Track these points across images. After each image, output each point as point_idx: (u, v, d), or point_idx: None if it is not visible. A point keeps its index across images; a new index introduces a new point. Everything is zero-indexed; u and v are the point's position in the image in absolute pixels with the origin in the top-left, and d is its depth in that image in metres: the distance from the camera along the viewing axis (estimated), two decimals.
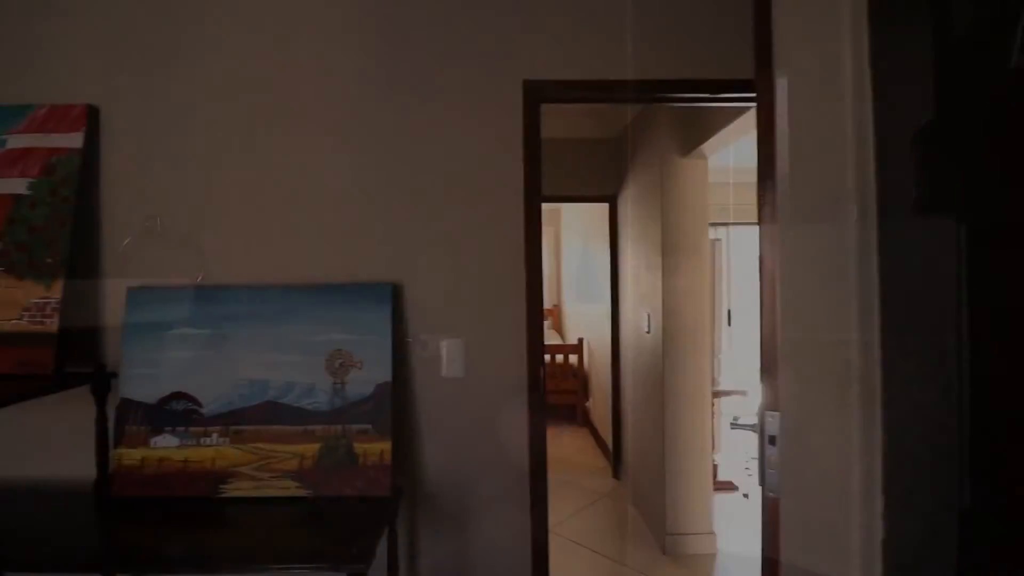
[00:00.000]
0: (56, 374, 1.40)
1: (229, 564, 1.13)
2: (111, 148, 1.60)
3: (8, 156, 1.54)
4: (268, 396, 1.44)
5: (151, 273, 1.58)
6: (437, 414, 1.59)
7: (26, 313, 1.43)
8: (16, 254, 1.47)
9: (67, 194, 1.51)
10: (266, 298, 1.50)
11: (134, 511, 1.36)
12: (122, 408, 1.44)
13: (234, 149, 1.60)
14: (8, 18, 1.60)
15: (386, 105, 1.60)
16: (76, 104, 1.58)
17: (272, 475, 1.40)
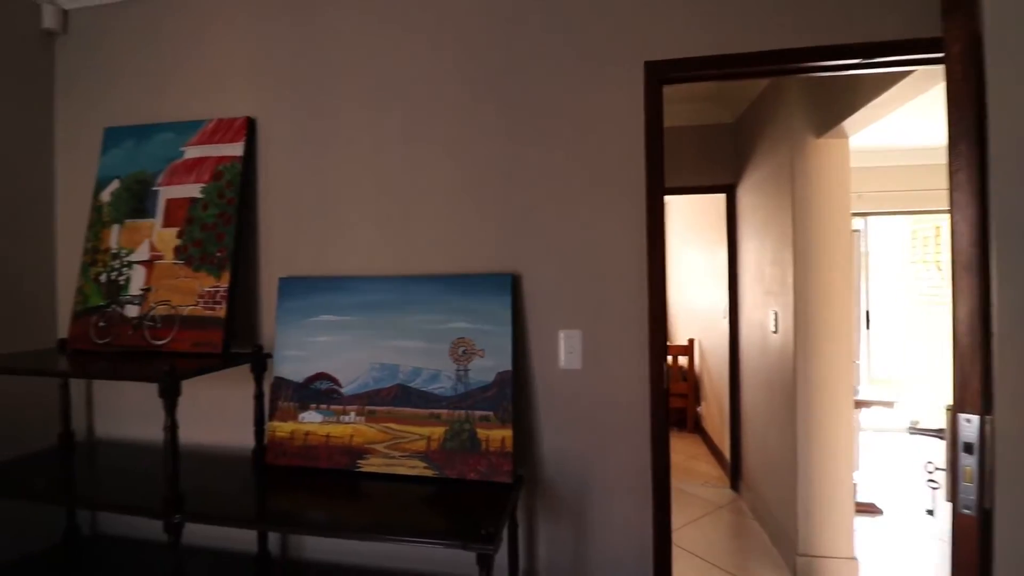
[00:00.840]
0: (224, 353, 1.59)
1: (364, 532, 1.21)
2: (265, 154, 1.79)
3: (185, 165, 1.79)
4: (398, 380, 1.52)
5: (298, 265, 1.74)
6: (554, 405, 1.58)
7: (200, 300, 1.65)
8: (192, 249, 1.70)
9: (231, 196, 1.72)
10: (396, 288, 1.59)
11: (284, 478, 1.50)
12: (275, 385, 1.60)
13: (366, 152, 1.72)
14: (186, 50, 1.87)
15: (501, 97, 1.62)
16: (237, 117, 1.79)
17: (402, 454, 1.47)
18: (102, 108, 1.95)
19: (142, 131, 1.86)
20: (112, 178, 1.83)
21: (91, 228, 1.81)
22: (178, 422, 1.31)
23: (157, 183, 1.78)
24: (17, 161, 1.88)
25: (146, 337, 1.66)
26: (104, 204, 1.82)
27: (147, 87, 1.92)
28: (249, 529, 1.64)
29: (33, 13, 1.96)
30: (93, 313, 1.73)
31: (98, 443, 1.91)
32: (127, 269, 1.74)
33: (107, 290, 1.74)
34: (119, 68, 1.95)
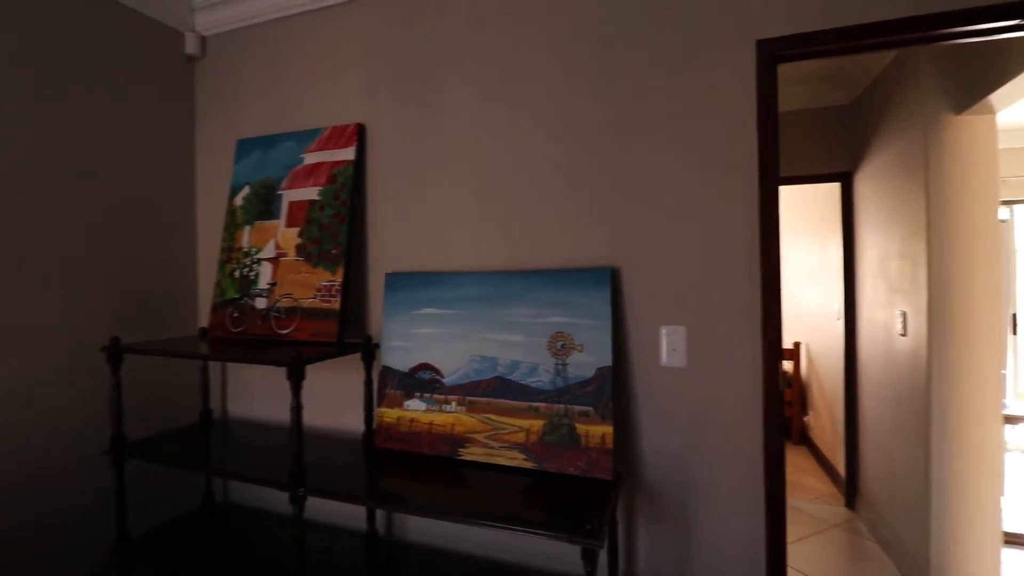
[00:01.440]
0: (338, 343, 1.72)
1: (470, 517, 1.24)
2: (374, 157, 1.91)
3: (304, 170, 1.95)
4: (497, 372, 1.55)
5: (403, 261, 1.84)
6: (655, 404, 1.52)
7: (318, 293, 1.79)
8: (311, 247, 1.85)
9: (344, 197, 1.85)
10: (495, 282, 1.62)
11: (391, 461, 1.59)
12: (383, 374, 1.70)
13: (466, 150, 1.77)
14: (304, 66, 2.04)
15: (602, 85, 1.60)
16: (349, 124, 1.92)
17: (501, 445, 1.50)
18: (235, 123, 2.19)
19: (268, 141, 2.05)
20: (243, 184, 2.04)
21: (226, 229, 2.04)
22: (301, 405, 1.43)
23: (281, 188, 1.96)
24: (166, 172, 2.16)
25: (272, 327, 1.83)
26: (237, 208, 2.03)
27: (272, 102, 2.12)
28: (361, 506, 1.75)
29: (177, 40, 2.24)
30: (229, 305, 1.94)
31: (230, 421, 2.15)
32: (256, 266, 1.93)
33: (240, 285, 1.94)
34: (249, 86, 2.17)
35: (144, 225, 2.05)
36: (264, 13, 2.11)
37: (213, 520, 2.01)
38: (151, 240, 2.08)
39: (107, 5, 1.94)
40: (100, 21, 1.92)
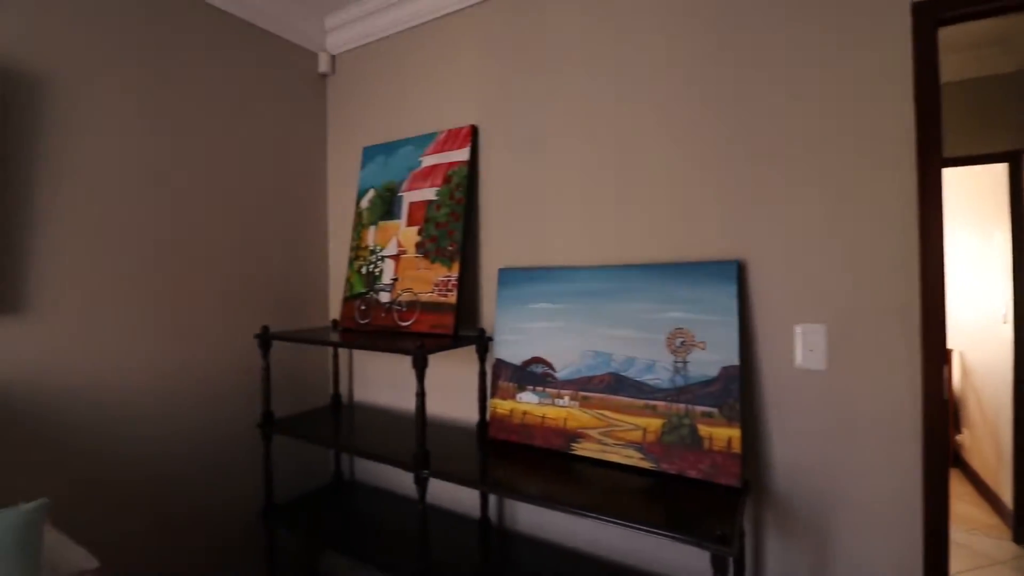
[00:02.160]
0: (455, 335, 1.80)
1: (587, 510, 1.23)
2: (486, 157, 1.97)
3: (422, 172, 2.06)
4: (611, 368, 1.52)
5: (515, 256, 1.88)
6: (788, 408, 1.40)
7: (436, 288, 1.89)
8: (429, 244, 1.96)
9: (459, 196, 1.92)
10: (609, 277, 1.60)
11: (505, 452, 1.63)
12: (496, 366, 1.75)
13: (578, 143, 1.76)
14: (422, 74, 2.15)
15: (728, 61, 1.50)
16: (463, 126, 2.00)
17: (616, 442, 1.47)
18: (361, 131, 2.37)
19: (390, 147, 2.20)
20: (369, 188, 2.21)
21: (354, 230, 2.22)
22: (424, 392, 1.51)
23: (401, 190, 2.09)
24: (302, 179, 2.40)
25: (395, 319, 1.96)
26: (363, 210, 2.21)
27: (393, 110, 2.27)
28: (475, 492, 1.82)
29: (312, 60, 2.47)
30: (357, 299, 2.12)
31: (356, 405, 2.33)
32: (380, 262, 2.08)
33: (366, 280, 2.11)
34: (372, 97, 2.34)
35: (285, 227, 2.30)
36: (386, 29, 2.27)
37: (341, 494, 2.20)
38: (291, 240, 2.33)
39: (255, 34, 2.20)
40: (249, 48, 2.18)
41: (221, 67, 2.06)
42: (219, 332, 2.03)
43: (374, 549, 1.73)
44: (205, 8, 2.00)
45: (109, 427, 1.71)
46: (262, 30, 2.21)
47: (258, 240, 2.18)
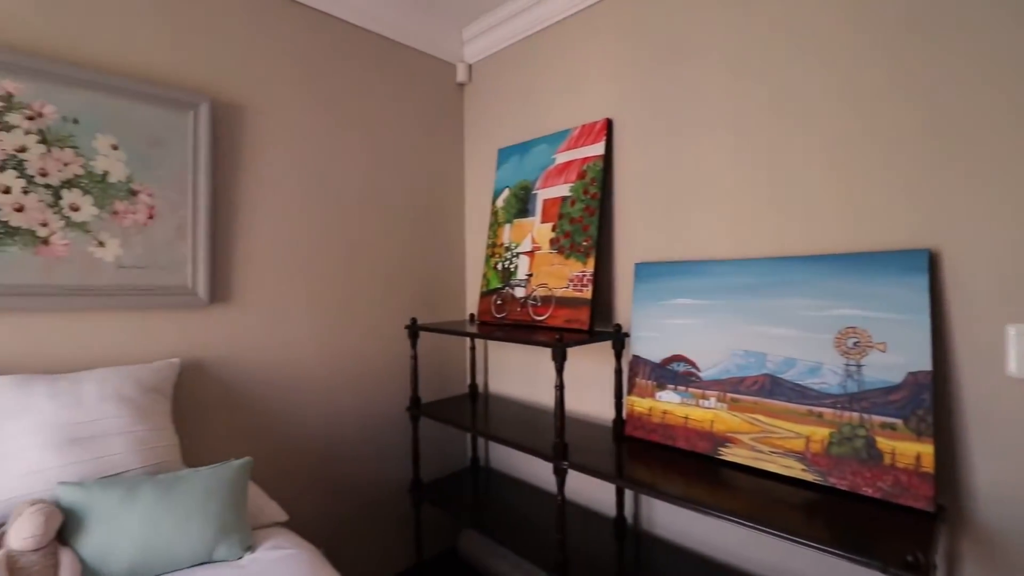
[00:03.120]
0: (590, 330, 1.79)
1: (738, 516, 1.15)
2: (621, 150, 1.93)
3: (556, 169, 2.08)
4: (766, 369, 1.41)
5: (652, 250, 1.82)
6: (997, 423, 1.18)
7: (570, 283, 1.90)
8: (563, 240, 1.98)
9: (594, 191, 1.92)
10: (762, 270, 1.48)
11: (642, 451, 1.58)
12: (633, 363, 1.71)
13: (719, 131, 1.66)
14: (554, 73, 2.18)
15: (902, 21, 1.30)
16: (597, 120, 1.99)
17: (773, 450, 1.36)
18: (495, 134, 2.48)
19: (524, 147, 2.27)
20: (504, 188, 2.30)
21: (490, 228, 2.32)
22: (563, 384, 1.53)
23: (536, 188, 2.14)
24: (442, 183, 2.57)
25: (530, 313, 2.01)
26: (499, 209, 2.30)
27: (526, 110, 2.33)
28: (617, 485, 1.80)
29: (450, 71, 2.63)
30: (493, 294, 2.21)
31: (491, 395, 2.44)
32: (515, 259, 2.15)
33: (502, 276, 2.19)
34: (507, 100, 2.43)
35: (428, 228, 2.49)
36: (517, 34, 2.34)
37: (477, 479, 2.31)
38: (433, 239, 2.51)
39: (401, 52, 2.40)
40: (396, 65, 2.39)
41: (373, 85, 2.28)
42: (372, 323, 2.26)
43: (510, 533, 1.79)
44: (360, 34, 2.24)
45: (289, 402, 1.99)
46: (407, 48, 2.41)
47: (405, 240, 2.38)
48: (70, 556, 1.14)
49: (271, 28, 1.96)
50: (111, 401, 1.42)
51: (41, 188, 1.48)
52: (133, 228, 1.64)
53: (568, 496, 2.05)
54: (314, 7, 2.07)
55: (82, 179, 1.55)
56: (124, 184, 1.62)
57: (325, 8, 2.09)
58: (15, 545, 1.09)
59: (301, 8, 2.04)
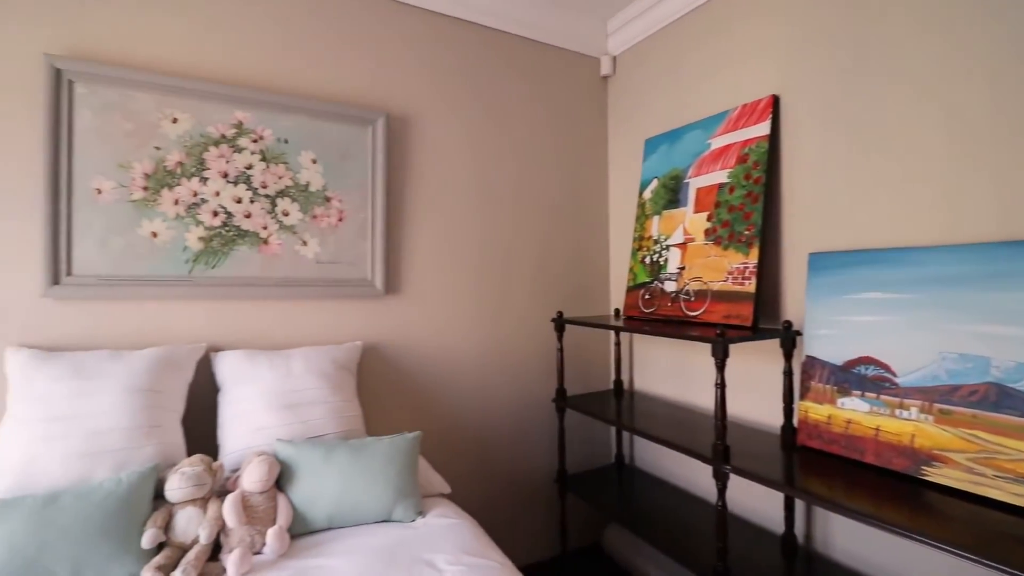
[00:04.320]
0: (753, 327, 1.65)
1: (951, 546, 0.97)
2: (790, 128, 1.75)
3: (711, 155, 1.96)
4: (990, 377, 1.16)
5: (828, 238, 1.62)
6: None
7: (729, 276, 1.77)
8: (721, 230, 1.85)
9: (757, 175, 1.76)
10: (978, 257, 1.22)
11: (818, 462, 1.41)
12: (807, 364, 1.54)
13: (915, 96, 1.40)
14: (705, 53, 2.05)
15: None
16: (761, 98, 1.82)
17: (999, 474, 1.12)
18: (641, 124, 2.41)
19: (673, 135, 2.17)
20: (651, 179, 2.23)
21: (637, 220, 2.27)
22: (724, 382, 1.43)
23: (687, 176, 2.04)
24: (586, 178, 2.57)
25: (682, 308, 1.92)
26: (646, 201, 2.23)
27: (675, 97, 2.23)
28: (787, 494, 1.64)
29: (594, 65, 2.62)
30: (640, 288, 2.16)
31: (636, 393, 2.38)
32: (665, 252, 2.07)
33: (650, 269, 2.13)
34: (653, 89, 2.35)
35: (572, 222, 2.51)
36: (664, 19, 2.24)
37: (622, 476, 2.27)
38: (577, 234, 2.52)
39: (544, 52, 2.46)
40: (540, 65, 2.44)
41: (518, 86, 2.37)
42: (521, 315, 2.35)
43: (660, 533, 1.73)
44: (505, 39, 2.34)
45: (446, 385, 2.16)
46: (550, 47, 2.46)
47: (551, 235, 2.44)
48: (285, 500, 1.38)
49: (429, 44, 2.14)
50: (313, 375, 1.68)
51: (262, 198, 1.81)
52: (327, 229, 1.92)
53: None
54: (463, 18, 2.21)
55: (291, 189, 1.85)
56: (321, 192, 1.90)
57: (472, 18, 2.23)
58: (247, 486, 1.35)
59: (454, 22, 2.20)
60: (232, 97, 1.75)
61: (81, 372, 1.42)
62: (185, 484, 1.26)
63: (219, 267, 1.74)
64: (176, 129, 1.68)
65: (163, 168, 1.66)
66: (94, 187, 1.58)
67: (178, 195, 1.68)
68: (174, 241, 1.68)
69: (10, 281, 1.50)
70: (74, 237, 1.55)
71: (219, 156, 1.74)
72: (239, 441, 1.53)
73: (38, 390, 1.37)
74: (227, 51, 1.78)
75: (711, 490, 1.97)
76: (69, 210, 1.54)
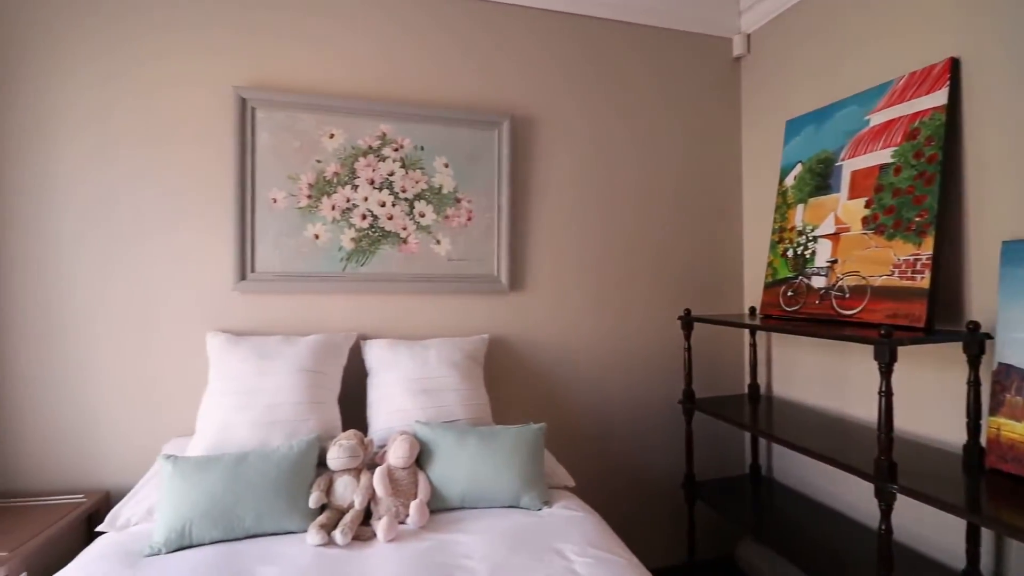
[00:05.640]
0: (927, 328, 1.42)
1: None
2: (975, 96, 1.48)
3: (871, 133, 1.72)
4: None
5: None
6: None
7: (896, 269, 1.55)
8: (883, 217, 1.62)
9: (931, 153, 1.52)
10: None
11: (1011, 488, 1.18)
12: (1000, 374, 1.29)
13: None
14: (860, 22, 1.80)
15: None
16: (936, 63, 1.56)
17: None
18: (781, 106, 2.20)
19: (821, 114, 1.95)
20: (794, 164, 2.02)
21: (777, 210, 2.07)
22: (891, 390, 1.26)
23: (840, 159, 1.82)
24: (716, 167, 2.41)
25: (833, 306, 1.72)
26: (788, 188, 2.03)
27: (823, 73, 2.00)
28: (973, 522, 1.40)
29: (725, 47, 2.45)
30: (782, 284, 1.97)
31: (775, 399, 2.18)
32: (812, 243, 1.87)
33: (794, 264, 1.94)
34: (796, 65, 2.13)
35: (701, 214, 2.38)
36: None
37: (759, 488, 2.10)
38: (708, 227, 2.39)
39: (669, 37, 2.35)
40: (665, 51, 2.34)
41: (641, 77, 2.30)
42: (645, 313, 2.28)
43: (808, 556, 1.57)
44: (628, 29, 2.28)
45: (567, 380, 2.18)
46: (675, 32, 2.35)
47: (678, 229, 2.33)
48: (424, 477, 1.49)
49: (552, 43, 2.17)
50: (446, 364, 1.79)
51: (402, 201, 1.98)
52: (457, 229, 2.04)
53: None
54: (584, 14, 2.20)
55: (426, 192, 2.00)
56: (452, 194, 2.03)
57: (593, 12, 2.21)
58: (392, 461, 1.49)
59: (576, 19, 2.20)
60: (377, 112, 1.93)
61: (261, 354, 1.67)
62: (343, 455, 1.43)
63: (367, 264, 1.94)
64: (332, 143, 1.90)
65: (323, 178, 1.89)
66: (271, 197, 1.85)
67: (335, 201, 1.90)
68: (332, 242, 1.90)
69: (210, 277, 1.81)
70: (256, 240, 1.84)
71: (367, 165, 1.94)
72: (384, 420, 1.69)
73: (230, 368, 1.64)
74: (371, 71, 1.97)
75: (869, 512, 1.74)
76: (252, 217, 1.83)
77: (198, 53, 1.81)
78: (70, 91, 1.71)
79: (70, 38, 1.71)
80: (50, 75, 1.70)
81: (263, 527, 1.30)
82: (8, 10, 1.67)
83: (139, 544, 1.26)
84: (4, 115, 1.66)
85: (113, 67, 1.74)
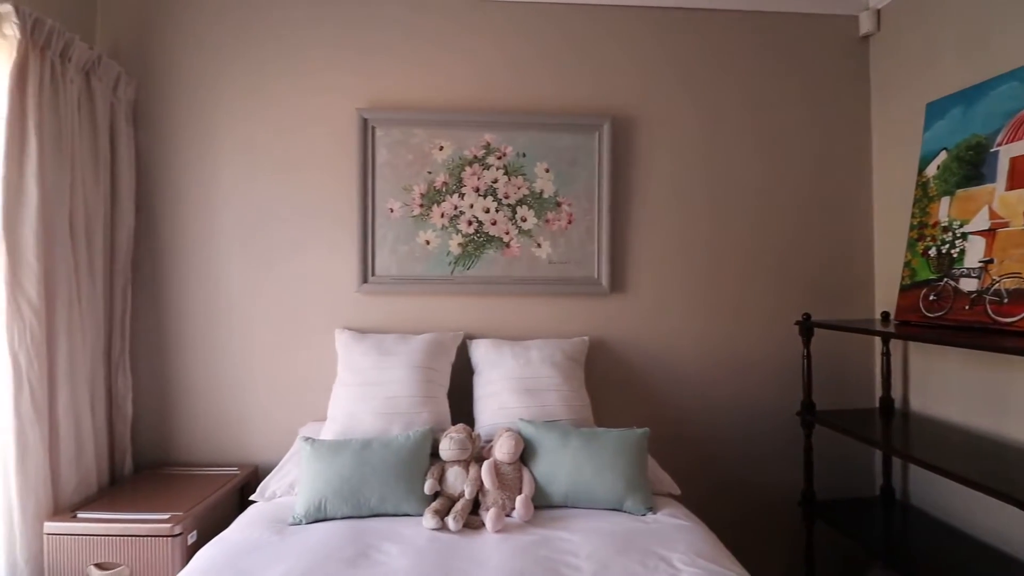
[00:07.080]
0: None
1: None
2: None
3: None
4: None
5: None
6: None
7: None
8: None
9: None
10: None
11: None
12: None
13: None
14: None
15: None
16: None
17: None
18: (919, 87, 1.96)
19: (970, 94, 1.71)
20: (938, 151, 1.80)
21: (916, 204, 1.86)
22: None
23: (996, 144, 1.59)
24: (839, 159, 2.21)
25: (988, 313, 1.51)
26: (930, 179, 1.81)
27: (971, 45, 1.75)
28: None
29: (850, 25, 2.23)
30: (922, 287, 1.76)
31: (912, 414, 1.95)
32: (960, 241, 1.65)
33: (937, 264, 1.72)
34: (937, 41, 1.89)
35: (822, 211, 2.19)
36: None
37: (891, 513, 1.89)
38: (831, 225, 2.20)
39: (784, 21, 2.19)
40: (780, 37, 2.19)
41: (753, 68, 2.17)
42: (756, 317, 2.15)
43: None
44: (737, 18, 2.16)
45: (670, 384, 2.12)
46: (791, 15, 2.19)
47: (795, 227, 2.18)
48: (529, 473, 1.54)
49: (654, 40, 2.13)
50: (547, 364, 1.84)
51: (505, 207, 2.06)
52: (558, 232, 2.08)
53: None
54: (685, 7, 2.13)
55: (528, 198, 2.06)
56: (552, 198, 2.07)
57: (695, 4, 2.12)
58: (499, 456, 1.55)
59: (678, 12, 2.14)
60: (481, 122, 2.03)
61: (381, 350, 1.83)
62: (454, 447, 1.53)
63: (472, 268, 2.05)
64: (442, 155, 2.04)
65: (433, 188, 2.03)
66: (388, 207, 2.02)
67: (444, 209, 2.03)
68: (441, 247, 2.03)
69: (338, 280, 2.02)
70: (376, 247, 2.02)
71: (472, 174, 2.04)
72: (489, 416, 1.78)
73: (355, 362, 1.83)
74: (474, 84, 2.07)
75: None
76: (373, 226, 2.01)
77: (321, 92, 2.02)
78: (225, 122, 2.02)
79: (225, 76, 2.01)
80: (215, 109, 2.01)
81: (385, 507, 1.44)
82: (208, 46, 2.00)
83: (283, 513, 1.45)
84: (183, 133, 2.00)
85: (254, 106, 2.02)
